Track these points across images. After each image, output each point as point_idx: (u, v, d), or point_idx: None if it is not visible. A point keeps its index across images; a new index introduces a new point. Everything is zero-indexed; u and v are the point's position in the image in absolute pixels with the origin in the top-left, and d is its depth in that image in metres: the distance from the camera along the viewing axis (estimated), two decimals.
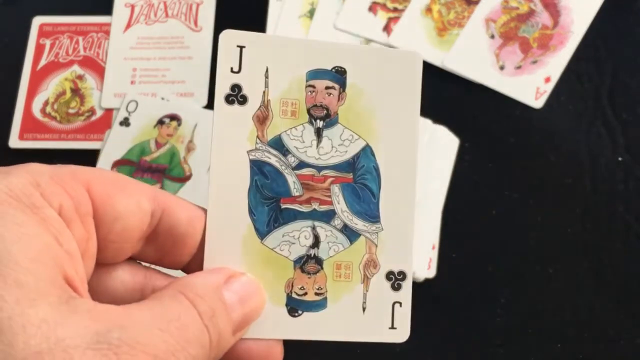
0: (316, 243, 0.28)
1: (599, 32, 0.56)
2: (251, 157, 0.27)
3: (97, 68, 0.58)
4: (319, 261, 0.28)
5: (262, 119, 0.27)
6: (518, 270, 0.48)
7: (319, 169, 0.28)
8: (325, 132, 0.28)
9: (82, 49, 0.58)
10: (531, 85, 0.54)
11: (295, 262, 0.28)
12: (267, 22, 0.58)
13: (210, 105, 0.55)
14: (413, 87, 0.28)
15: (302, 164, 0.28)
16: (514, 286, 0.48)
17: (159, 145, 0.53)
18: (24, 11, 0.60)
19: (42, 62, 0.58)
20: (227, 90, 0.27)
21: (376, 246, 0.28)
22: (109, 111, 0.56)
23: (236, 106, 0.27)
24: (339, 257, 0.28)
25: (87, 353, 0.19)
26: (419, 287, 0.47)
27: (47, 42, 0.59)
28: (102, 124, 0.55)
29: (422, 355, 0.46)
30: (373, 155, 0.28)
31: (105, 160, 0.53)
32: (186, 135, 0.53)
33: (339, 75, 0.28)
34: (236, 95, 0.27)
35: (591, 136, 0.52)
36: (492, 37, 0.56)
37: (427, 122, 0.49)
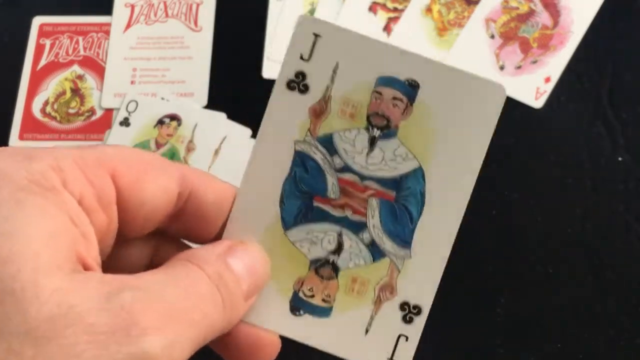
0: (338, 250, 0.27)
1: (599, 32, 0.56)
2: (297, 148, 0.26)
3: (97, 68, 0.58)
4: (335, 268, 0.27)
5: (318, 112, 0.26)
6: (518, 270, 0.48)
7: (363, 178, 0.27)
8: (379, 143, 0.26)
9: (82, 49, 0.58)
10: (531, 85, 0.54)
11: (312, 262, 0.27)
12: (267, 22, 0.58)
13: (210, 105, 0.55)
14: (488, 121, 0.26)
15: (346, 168, 0.26)
16: (514, 286, 0.48)
17: (159, 145, 0.53)
18: (24, 11, 0.60)
19: (42, 62, 0.58)
20: (291, 76, 0.26)
21: (399, 272, 0.27)
22: (109, 111, 0.56)
23: (296, 93, 0.26)
24: (357, 271, 0.27)
25: (100, 314, 0.20)
26: None
27: (47, 42, 0.59)
28: (102, 124, 0.55)
29: (421, 355, 0.46)
30: (423, 179, 0.26)
31: None
32: (186, 135, 0.53)
33: (411, 88, 0.26)
34: (299, 83, 0.26)
35: (591, 136, 0.52)
36: (492, 37, 0.56)
37: None
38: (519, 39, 0.56)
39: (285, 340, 0.28)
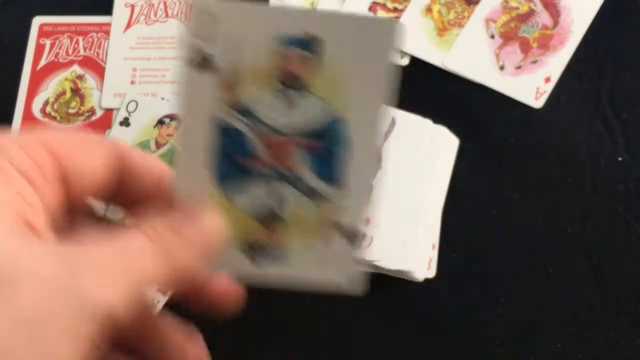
0: (279, 202, 0.29)
1: (599, 32, 0.56)
2: (218, 120, 0.28)
3: (97, 68, 0.58)
4: (279, 219, 0.29)
5: (229, 85, 0.27)
6: (518, 270, 0.49)
7: (287, 135, 0.28)
8: (295, 100, 0.28)
9: (82, 49, 0.58)
10: (531, 85, 0.54)
11: (258, 217, 0.28)
12: None
13: None
14: (384, 56, 0.27)
15: (270, 130, 0.28)
16: (514, 286, 0.48)
17: (159, 145, 0.53)
18: (23, 11, 0.60)
19: (42, 62, 0.58)
20: (195, 56, 0.27)
21: (339, 208, 0.29)
22: (108, 111, 0.56)
23: (205, 72, 0.27)
24: (300, 217, 0.29)
25: (51, 265, 0.22)
26: (418, 287, 0.47)
27: (47, 42, 0.59)
28: (102, 124, 0.55)
29: (421, 355, 0.46)
30: (342, 124, 0.28)
31: None
32: None
33: (314, 43, 0.27)
34: (204, 61, 0.27)
35: (591, 136, 0.52)
36: (492, 37, 0.56)
37: (428, 123, 0.49)
38: (519, 39, 0.56)
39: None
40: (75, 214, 0.28)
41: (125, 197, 0.29)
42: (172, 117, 0.54)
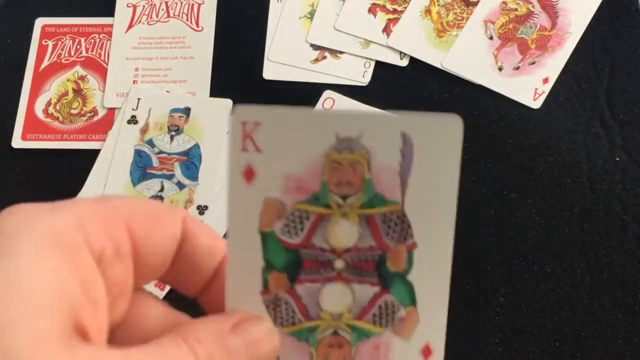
0: (161, 189, 0.53)
1: (597, 33, 0.56)
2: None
3: (99, 69, 0.58)
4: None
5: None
6: (516, 269, 0.49)
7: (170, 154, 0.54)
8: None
9: (84, 50, 0.59)
10: (529, 86, 0.54)
11: None
12: (268, 23, 0.58)
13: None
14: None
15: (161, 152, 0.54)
16: (512, 285, 0.48)
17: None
18: (26, 12, 0.60)
19: (45, 63, 0.58)
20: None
21: (194, 192, 0.53)
22: (110, 112, 0.56)
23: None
24: (174, 196, 0.53)
25: None
26: None
27: (50, 43, 0.59)
28: (104, 124, 0.55)
29: None
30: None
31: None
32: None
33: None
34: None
35: (589, 136, 0.52)
36: (491, 38, 0.56)
37: None
38: (518, 40, 0.56)
39: None
40: (137, 292, 0.26)
41: (176, 271, 0.27)
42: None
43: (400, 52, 0.56)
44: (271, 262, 0.26)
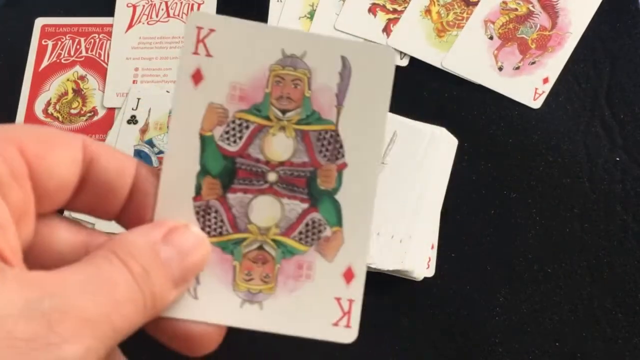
0: None
1: (597, 33, 0.56)
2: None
3: (99, 69, 0.58)
4: None
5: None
6: (516, 269, 0.49)
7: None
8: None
9: (84, 49, 0.59)
10: (529, 85, 0.54)
11: None
12: (268, 22, 0.58)
13: None
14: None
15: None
16: (513, 285, 0.48)
17: None
18: (26, 12, 0.60)
19: (45, 63, 0.58)
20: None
21: None
22: (110, 111, 0.56)
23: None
24: None
25: (19, 322, 0.20)
26: (418, 287, 0.48)
27: (50, 43, 0.59)
28: (103, 124, 0.55)
29: (421, 355, 0.47)
30: None
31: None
32: None
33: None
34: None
35: (589, 136, 0.52)
36: (491, 38, 0.56)
37: (427, 124, 0.49)
38: (518, 40, 0.56)
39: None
40: (43, 217, 0.25)
41: (85, 195, 0.26)
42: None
43: (400, 52, 0.56)
44: (207, 167, 0.27)
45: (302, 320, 0.27)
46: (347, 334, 0.27)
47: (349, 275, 0.27)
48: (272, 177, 0.27)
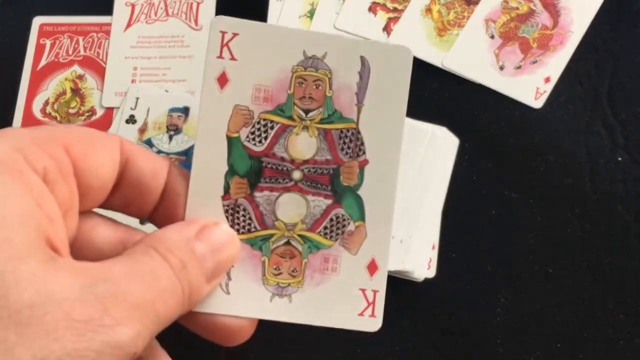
0: None
1: (599, 32, 0.56)
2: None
3: (97, 68, 0.58)
4: None
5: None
6: (517, 269, 0.49)
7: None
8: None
9: (83, 49, 0.58)
10: (531, 85, 0.54)
11: None
12: (268, 22, 0.58)
13: None
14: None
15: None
16: (514, 286, 0.48)
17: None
18: (24, 11, 0.60)
19: (43, 62, 0.58)
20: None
21: None
22: (109, 111, 0.56)
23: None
24: None
25: (75, 304, 0.21)
26: (419, 287, 0.47)
27: (48, 42, 0.59)
28: (102, 123, 0.55)
29: (422, 355, 0.47)
30: None
31: None
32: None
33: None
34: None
35: (590, 136, 0.52)
36: (492, 37, 0.56)
37: (427, 123, 0.49)
38: (519, 39, 0.56)
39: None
40: (83, 214, 0.27)
41: (120, 194, 0.28)
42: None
43: None
44: (234, 167, 0.28)
45: (329, 311, 0.28)
46: (373, 323, 0.28)
47: (372, 267, 0.29)
48: (296, 175, 0.28)
